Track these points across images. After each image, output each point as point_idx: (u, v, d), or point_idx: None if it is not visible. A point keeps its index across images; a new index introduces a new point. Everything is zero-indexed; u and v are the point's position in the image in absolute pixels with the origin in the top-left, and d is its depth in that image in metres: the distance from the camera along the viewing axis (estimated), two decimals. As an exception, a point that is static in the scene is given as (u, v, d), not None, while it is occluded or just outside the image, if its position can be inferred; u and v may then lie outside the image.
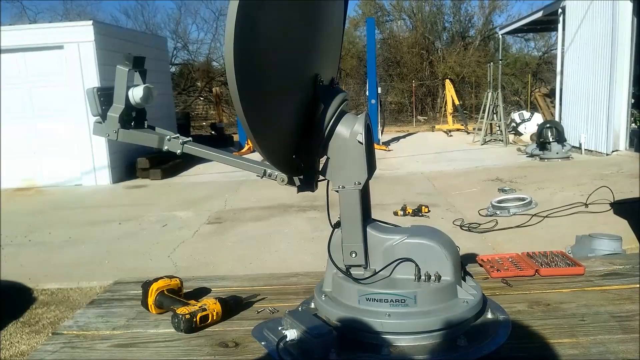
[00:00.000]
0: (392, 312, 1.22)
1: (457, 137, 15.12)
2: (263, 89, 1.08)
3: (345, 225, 1.31)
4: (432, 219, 6.02)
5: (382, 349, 1.18)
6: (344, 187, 1.29)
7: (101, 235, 6.42)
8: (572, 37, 11.65)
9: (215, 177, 9.83)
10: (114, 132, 1.32)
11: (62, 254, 5.73)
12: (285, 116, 1.23)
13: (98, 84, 8.99)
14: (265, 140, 1.10)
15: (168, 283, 1.54)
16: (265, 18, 1.04)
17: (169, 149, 1.34)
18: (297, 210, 7.00)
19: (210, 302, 1.43)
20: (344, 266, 1.33)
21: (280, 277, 1.81)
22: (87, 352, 1.33)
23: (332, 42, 1.51)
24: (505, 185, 7.75)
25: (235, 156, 1.39)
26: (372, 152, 1.33)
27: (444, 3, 25.21)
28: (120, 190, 9.62)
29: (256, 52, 1.02)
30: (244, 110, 0.98)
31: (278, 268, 4.69)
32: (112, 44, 10.07)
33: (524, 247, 1.59)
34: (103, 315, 1.54)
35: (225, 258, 5.34)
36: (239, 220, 6.86)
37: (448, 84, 17.15)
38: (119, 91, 1.31)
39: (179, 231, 6.44)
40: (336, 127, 1.28)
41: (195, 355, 1.27)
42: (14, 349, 3.67)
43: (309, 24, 1.29)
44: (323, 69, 1.36)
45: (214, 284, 1.76)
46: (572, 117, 11.54)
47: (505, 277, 1.64)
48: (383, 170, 9.00)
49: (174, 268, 5.05)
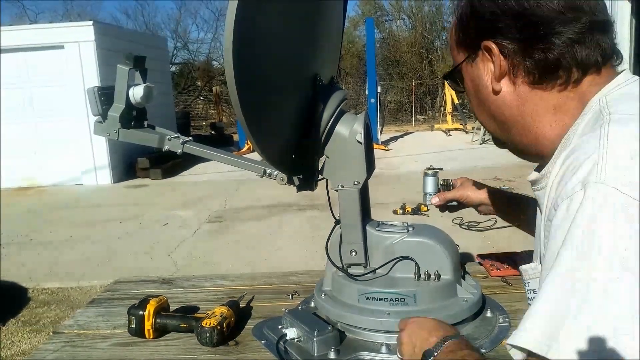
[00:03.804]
0: (392, 311, 1.22)
1: (456, 137, 15.10)
2: (262, 88, 1.08)
3: (345, 224, 1.32)
4: (431, 217, 6.01)
5: (381, 347, 1.19)
6: (343, 186, 1.30)
7: (102, 234, 6.42)
8: (571, 36, 11.65)
9: (215, 176, 9.83)
10: (114, 132, 1.33)
11: (63, 253, 5.73)
12: (285, 116, 1.23)
13: (98, 83, 8.93)
14: (265, 140, 1.11)
15: (160, 300, 1.39)
16: (264, 18, 1.04)
17: (169, 148, 1.34)
18: (297, 210, 7.01)
19: (224, 310, 1.35)
20: (344, 265, 1.33)
21: (280, 275, 1.82)
22: (88, 351, 1.33)
23: (332, 41, 1.52)
24: (504, 184, 7.75)
25: (235, 156, 1.40)
26: (371, 151, 1.33)
27: (443, 3, 25.16)
28: (120, 190, 9.62)
29: (255, 51, 1.02)
30: (243, 111, 0.99)
31: (278, 267, 4.70)
32: (112, 44, 10.06)
33: (523, 246, 1.60)
34: (103, 315, 1.55)
35: (225, 257, 5.34)
36: (239, 219, 6.86)
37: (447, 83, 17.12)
38: (119, 91, 1.31)
39: (179, 230, 6.44)
40: (335, 126, 1.28)
41: (195, 354, 1.28)
42: (14, 348, 3.68)
43: (309, 23, 1.29)
44: (322, 68, 1.37)
45: (214, 283, 1.77)
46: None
47: (504, 275, 1.65)
48: (382, 169, 9.00)
49: (175, 267, 5.06)
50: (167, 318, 1.37)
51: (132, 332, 1.36)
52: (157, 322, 1.35)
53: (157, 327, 1.36)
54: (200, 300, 1.61)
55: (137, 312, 1.35)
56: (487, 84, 0.94)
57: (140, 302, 1.37)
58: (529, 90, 0.90)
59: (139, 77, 1.36)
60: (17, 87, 9.87)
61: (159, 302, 1.38)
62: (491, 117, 0.98)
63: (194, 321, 1.33)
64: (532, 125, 0.91)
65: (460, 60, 0.99)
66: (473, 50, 0.95)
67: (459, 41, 0.98)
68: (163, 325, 1.36)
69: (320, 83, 1.31)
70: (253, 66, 1.01)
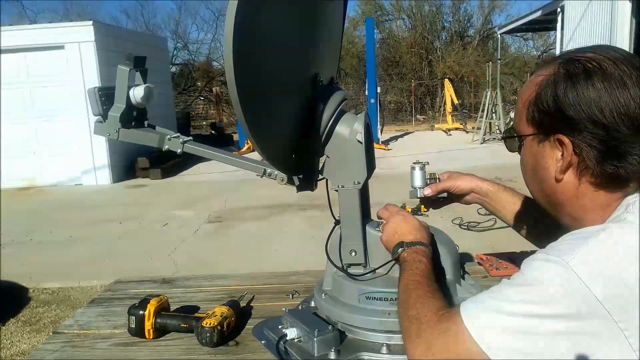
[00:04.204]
0: (392, 311, 1.22)
1: (456, 136, 15.11)
2: (262, 88, 1.08)
3: (345, 224, 1.32)
4: (431, 217, 6.01)
5: (382, 347, 1.19)
6: (343, 186, 1.29)
7: (102, 234, 6.42)
8: (570, 37, 11.65)
9: (215, 176, 9.83)
10: (114, 132, 1.33)
11: (63, 253, 5.74)
12: (285, 116, 1.23)
13: (98, 83, 8.96)
14: (265, 140, 1.11)
15: (161, 300, 1.39)
16: (264, 18, 1.04)
17: (169, 148, 1.34)
18: (297, 209, 7.01)
19: (224, 310, 1.35)
20: (344, 265, 1.33)
21: (280, 275, 1.82)
22: (88, 351, 1.33)
23: (332, 41, 1.52)
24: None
25: (235, 155, 1.40)
26: (371, 151, 1.33)
27: (443, 3, 25.22)
28: (120, 190, 9.63)
29: (255, 52, 1.02)
30: (244, 111, 0.99)
31: (278, 267, 4.70)
32: (112, 44, 10.07)
33: (522, 246, 1.60)
34: (104, 315, 1.54)
35: (225, 257, 5.35)
36: (239, 219, 6.86)
37: (447, 83, 17.14)
38: (120, 91, 1.31)
39: (179, 230, 6.45)
40: (335, 126, 1.28)
41: (195, 354, 1.28)
42: (14, 348, 3.68)
43: (309, 23, 1.29)
44: (322, 69, 1.37)
45: (214, 283, 1.77)
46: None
47: (504, 275, 1.64)
48: (382, 169, 9.00)
49: (175, 267, 5.06)
50: (168, 318, 1.36)
51: (132, 332, 1.35)
52: (157, 322, 1.34)
53: (157, 327, 1.35)
54: (201, 300, 1.61)
55: (137, 312, 1.34)
56: (549, 168, 0.95)
57: (141, 302, 1.36)
58: (591, 189, 0.92)
59: (139, 78, 1.36)
60: (17, 87, 9.88)
61: (159, 302, 1.37)
62: (542, 192, 1.00)
63: (194, 321, 1.33)
64: (582, 216, 0.95)
65: (526, 132, 0.98)
66: (545, 134, 0.94)
67: (532, 119, 0.96)
68: (163, 325, 1.35)
69: (320, 83, 1.31)
70: (253, 66, 1.01)
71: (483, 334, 0.82)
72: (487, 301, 0.86)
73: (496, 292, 0.87)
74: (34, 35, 9.85)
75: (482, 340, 0.82)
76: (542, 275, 0.82)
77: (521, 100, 0.98)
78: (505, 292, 0.85)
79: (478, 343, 0.82)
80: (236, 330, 1.36)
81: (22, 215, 7.75)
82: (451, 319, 0.87)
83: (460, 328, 0.84)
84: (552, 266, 0.82)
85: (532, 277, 0.83)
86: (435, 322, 0.90)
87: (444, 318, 0.89)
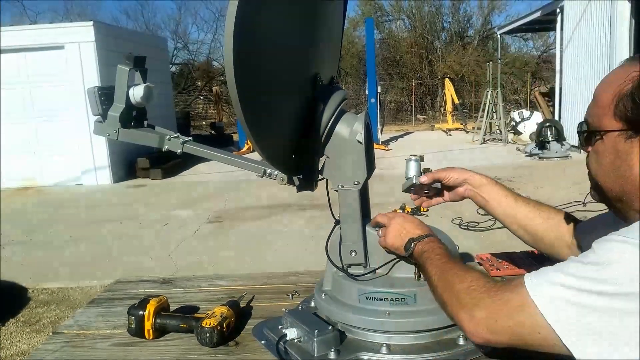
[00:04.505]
0: (392, 311, 1.22)
1: (457, 136, 15.11)
2: (262, 88, 1.08)
3: (345, 224, 1.32)
4: (430, 217, 6.01)
5: (382, 347, 1.19)
6: (343, 187, 1.29)
7: (102, 234, 6.42)
8: (569, 37, 11.65)
9: (215, 176, 9.83)
10: (114, 132, 1.32)
11: (63, 253, 5.74)
12: (285, 116, 1.23)
13: (98, 83, 8.93)
14: (265, 140, 1.11)
15: (160, 300, 1.38)
16: (264, 18, 1.04)
17: (169, 148, 1.34)
18: (297, 209, 7.01)
19: (224, 310, 1.35)
20: (344, 265, 1.33)
21: (280, 275, 1.82)
22: (88, 352, 1.33)
23: (332, 41, 1.52)
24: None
25: (235, 155, 1.39)
26: (371, 152, 1.33)
27: (443, 3, 25.20)
28: (120, 190, 9.63)
29: (256, 52, 1.02)
30: (244, 111, 0.99)
31: (278, 267, 4.70)
32: (112, 44, 10.07)
33: (522, 246, 1.59)
34: (103, 315, 1.54)
35: (225, 257, 5.34)
36: (239, 219, 6.86)
37: (447, 83, 17.14)
38: (119, 90, 1.31)
39: (179, 230, 6.45)
40: (335, 126, 1.28)
41: (195, 354, 1.28)
42: (14, 348, 3.67)
43: (309, 23, 1.29)
44: (323, 69, 1.37)
45: (214, 283, 1.77)
46: (571, 116, 11.53)
47: (504, 275, 1.65)
48: (382, 169, 9.00)
49: (175, 267, 5.06)
50: (167, 318, 1.36)
51: (132, 332, 1.35)
52: (157, 322, 1.34)
53: (157, 327, 1.34)
54: (200, 300, 1.61)
55: (137, 312, 1.34)
56: (635, 167, 0.94)
57: (140, 302, 1.36)
58: None
59: (139, 77, 1.36)
60: (17, 87, 9.87)
61: (159, 302, 1.37)
62: (621, 188, 0.98)
63: (194, 321, 1.33)
64: None
65: (611, 128, 0.95)
66: (635, 130, 0.92)
67: (622, 114, 0.93)
68: (163, 326, 1.35)
69: (320, 83, 1.31)
70: (253, 66, 1.01)
71: (550, 307, 0.84)
72: (554, 275, 0.87)
73: (565, 267, 0.88)
74: (34, 35, 9.86)
75: (549, 313, 0.83)
76: (616, 255, 0.83)
77: (604, 95, 0.96)
78: (575, 269, 0.86)
79: (545, 316, 0.83)
80: (236, 331, 1.36)
81: (22, 215, 7.75)
82: (514, 290, 0.89)
83: (527, 300, 0.86)
84: (629, 247, 0.82)
85: (607, 257, 0.84)
86: (495, 291, 0.92)
87: (504, 288, 0.91)
